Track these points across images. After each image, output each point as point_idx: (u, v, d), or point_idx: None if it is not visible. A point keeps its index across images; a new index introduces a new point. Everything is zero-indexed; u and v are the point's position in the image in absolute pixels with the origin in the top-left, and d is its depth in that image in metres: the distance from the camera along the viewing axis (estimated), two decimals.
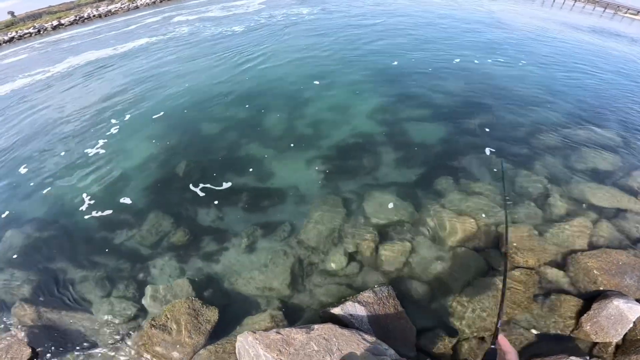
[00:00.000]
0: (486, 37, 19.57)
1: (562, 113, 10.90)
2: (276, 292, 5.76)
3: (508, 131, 9.63)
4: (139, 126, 11.09)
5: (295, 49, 17.16)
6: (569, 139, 9.42)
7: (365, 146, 8.91)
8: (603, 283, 5.34)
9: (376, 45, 16.92)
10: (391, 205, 7.10)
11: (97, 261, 6.79)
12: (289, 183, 7.90)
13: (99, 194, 8.45)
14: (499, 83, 12.81)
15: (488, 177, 7.86)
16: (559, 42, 20.52)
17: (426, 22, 22.09)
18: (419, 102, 11.01)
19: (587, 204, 7.14)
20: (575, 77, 14.71)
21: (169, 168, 8.89)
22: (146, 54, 20.84)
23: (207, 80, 14.11)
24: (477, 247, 6.23)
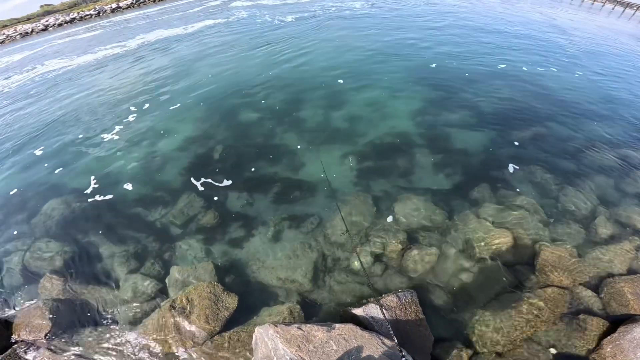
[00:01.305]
0: (538, 44, 18.58)
1: (619, 131, 10.17)
2: (297, 285, 5.79)
3: (558, 145, 9.11)
4: (182, 108, 11.50)
5: (339, 44, 17.02)
6: (624, 160, 8.78)
7: (401, 147, 8.74)
8: (634, 307, 5.13)
9: (421, 45, 16.45)
10: (423, 209, 6.94)
11: (128, 237, 7.11)
12: (320, 176, 7.87)
13: (139, 171, 8.82)
14: (550, 93, 12.12)
15: (530, 190, 7.49)
16: (622, 55, 19.17)
17: (473, 24, 21.25)
18: (461, 106, 10.62)
19: (633, 229, 6.67)
20: (636, 93, 13.69)
21: (206, 150, 9.11)
22: (198, 39, 21.49)
23: (250, 68, 14.34)
24: (508, 262, 5.98)
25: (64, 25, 51.33)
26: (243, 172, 8.27)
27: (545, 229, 6.59)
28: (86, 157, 9.75)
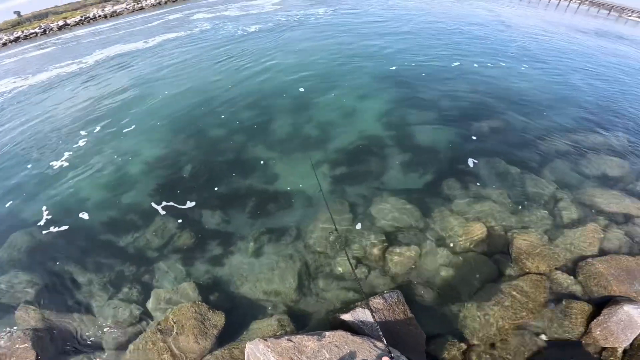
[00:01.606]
0: (487, 40, 19.48)
1: (566, 117, 10.82)
2: (283, 297, 5.72)
3: (515, 135, 9.56)
4: (144, 128, 11.02)
5: (303, 52, 17.08)
6: (578, 144, 9.33)
7: (372, 150, 8.86)
8: (613, 289, 5.32)
9: (381, 49, 16.84)
10: (399, 209, 7.05)
11: (102, 263, 6.77)
12: (295, 187, 7.85)
13: (104, 196, 8.42)
14: (502, 86, 12.74)
15: (496, 181, 7.80)
16: (563, 46, 20.42)
17: (429, 26, 21.99)
18: (423, 105, 10.95)
19: (597, 210, 7.08)
20: (581, 81, 14.61)
21: (174, 170, 8.84)
22: (157, 54, 20.70)
23: (213, 83, 14.02)
24: (486, 252, 6.17)
25: (8, 44, 48.51)
26: (216, 189, 8.08)
27: (514, 217, 6.86)
28: (45, 187, 9.17)
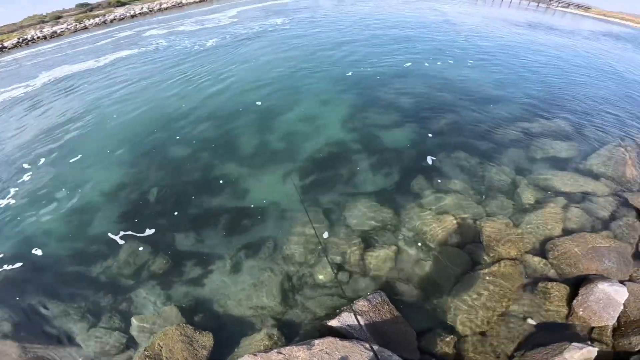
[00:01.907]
0: (435, 39, 20.32)
1: (516, 107, 11.50)
2: (269, 310, 5.62)
3: (470, 128, 10.00)
4: (102, 153, 10.40)
5: (261, 64, 16.93)
6: (527, 131, 9.91)
7: (339, 155, 8.93)
8: (584, 267, 5.55)
9: (337, 55, 17.06)
10: (371, 211, 7.13)
11: (76, 294, 6.34)
12: (267, 200, 7.76)
13: (65, 228, 7.88)
14: (453, 83, 13.34)
15: (459, 174, 8.10)
16: (502, 40, 21.67)
17: (381, 31, 22.60)
18: (383, 107, 11.19)
19: (554, 191, 7.52)
20: (521, 72, 15.59)
21: (138, 195, 8.45)
22: (108, 74, 19.47)
23: (171, 102, 13.47)
24: (459, 244, 6.36)
25: None
26: (186, 210, 7.83)
27: (480, 207, 7.14)
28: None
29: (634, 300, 4.99)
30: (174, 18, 41.09)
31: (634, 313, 4.86)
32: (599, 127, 10.67)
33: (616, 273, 5.52)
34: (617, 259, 5.72)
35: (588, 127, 10.60)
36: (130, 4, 61.25)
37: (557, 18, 40.43)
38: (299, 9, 35.35)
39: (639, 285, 5.28)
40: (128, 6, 58.22)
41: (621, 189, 7.71)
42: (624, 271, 5.60)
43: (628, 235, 6.41)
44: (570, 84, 14.63)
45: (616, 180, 7.97)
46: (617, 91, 14.57)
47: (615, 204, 7.18)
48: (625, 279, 5.50)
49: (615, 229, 6.52)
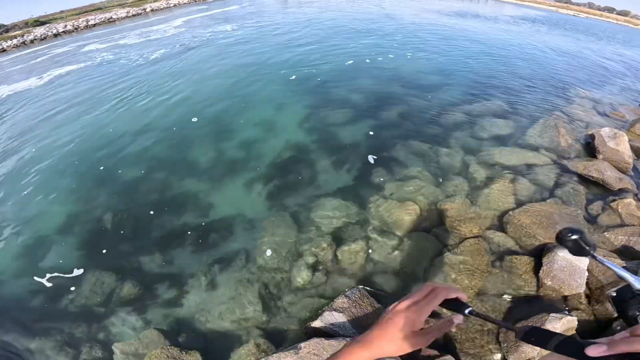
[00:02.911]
0: (374, 34, 20.79)
1: (457, 92, 12.06)
2: (252, 321, 5.46)
3: (420, 116, 10.34)
4: (46, 185, 9.51)
5: (208, 74, 16.29)
6: (469, 113, 10.42)
7: (299, 157, 8.83)
8: (541, 236, 5.81)
9: (281, 59, 16.85)
10: (337, 209, 7.13)
11: (48, 328, 5.80)
12: (232, 212, 7.50)
13: (20, 264, 7.14)
14: (396, 75, 13.73)
15: (415, 160, 8.33)
16: (436, 30, 22.62)
17: (322, 32, 22.73)
18: (334, 105, 11.22)
19: (501, 166, 7.94)
20: (456, 58, 16.39)
21: (93, 223, 7.84)
22: (36, 99, 17.87)
23: (116, 123, 12.46)
24: (425, 228, 6.52)
25: None
26: (147, 233, 7.36)
27: (438, 190, 7.36)
28: None
29: (596, 264, 5.21)
30: (116, 31, 38.61)
31: (600, 278, 5.09)
32: (530, 103, 11.45)
33: None
34: (571, 225, 6.09)
35: (521, 104, 11.35)
36: (50, 22, 56.68)
37: (482, 5, 42.99)
38: (243, 15, 34.73)
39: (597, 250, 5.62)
40: (49, 25, 53.71)
41: (559, 157, 8.30)
42: None
43: (575, 200, 6.88)
44: (500, 65, 15.60)
45: (553, 150, 8.57)
46: (539, 69, 15.77)
47: (557, 172, 7.71)
48: None
49: (562, 196, 6.96)
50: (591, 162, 7.89)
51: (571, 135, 9.25)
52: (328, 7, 33.90)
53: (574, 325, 4.41)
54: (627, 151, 8.20)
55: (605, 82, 15.07)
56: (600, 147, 8.35)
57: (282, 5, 40.71)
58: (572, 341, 0.85)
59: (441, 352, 4.46)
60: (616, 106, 12.01)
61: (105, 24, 49.40)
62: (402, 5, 35.72)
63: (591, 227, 6.29)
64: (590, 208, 6.73)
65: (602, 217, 6.48)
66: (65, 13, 62.64)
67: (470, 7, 40.27)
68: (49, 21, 58.26)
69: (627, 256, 5.47)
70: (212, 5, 51.42)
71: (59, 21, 56.45)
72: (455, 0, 45.73)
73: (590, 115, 10.86)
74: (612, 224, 6.30)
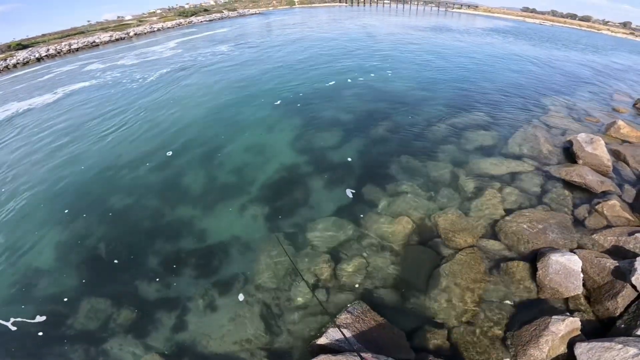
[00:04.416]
0: (353, 56, 21.13)
1: (440, 107, 12.34)
2: (255, 342, 5.35)
3: (407, 131, 10.52)
4: (39, 212, 9.18)
5: (199, 95, 16.35)
6: (454, 126, 10.64)
7: (290, 179, 8.83)
8: (533, 242, 5.92)
9: (265, 82, 16.99)
10: (333, 227, 7.12)
11: (45, 354, 5.66)
12: (227, 236, 7.42)
13: (11, 295, 6.86)
14: (379, 94, 13.98)
15: (406, 175, 8.41)
16: (413, 47, 23.20)
17: (302, 56, 22.99)
18: (321, 126, 11.30)
19: (488, 176, 8.09)
20: (435, 73, 16.80)
21: (86, 252, 7.57)
22: (21, 129, 17.47)
23: (108, 146, 12.29)
24: (421, 241, 6.56)
25: None
26: (143, 260, 7.17)
27: (430, 203, 7.45)
28: None
29: (590, 266, 5.34)
30: (96, 57, 38.09)
31: (596, 278, 5.19)
32: (509, 113, 11.79)
33: (563, 242, 5.96)
34: (560, 229, 6.22)
35: (500, 114, 11.67)
36: (33, 46, 55.69)
37: (455, 20, 44.43)
38: (227, 39, 34.94)
39: (588, 251, 5.69)
40: (31, 49, 52.71)
41: (542, 164, 8.51)
42: (570, 239, 6.06)
43: (562, 205, 7.05)
44: (476, 78, 16.07)
45: (536, 158, 8.80)
46: (513, 79, 16.32)
47: (541, 179, 7.90)
48: (574, 247, 5.93)
49: (549, 201, 7.15)
50: (572, 168, 8.10)
51: (551, 143, 9.52)
52: (309, 29, 34.50)
53: (577, 326, 4.47)
54: (605, 154, 8.44)
55: (576, 88, 15.64)
56: (579, 153, 8.59)
57: (265, 28, 41.25)
58: None
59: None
60: (590, 111, 12.44)
61: (88, 48, 48.69)
62: (380, 23, 36.67)
63: (581, 228, 6.45)
64: (577, 212, 6.88)
65: (590, 220, 6.62)
66: (47, 37, 61.69)
67: (445, 21, 41.63)
68: (31, 44, 57.24)
69: (618, 256, 5.57)
70: (198, 29, 51.69)
71: (41, 45, 55.39)
72: (430, 15, 47.14)
73: (567, 122, 11.20)
74: (599, 227, 6.45)
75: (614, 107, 13.19)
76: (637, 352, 3.64)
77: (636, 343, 3.79)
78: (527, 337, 4.48)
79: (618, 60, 25.69)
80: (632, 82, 18.00)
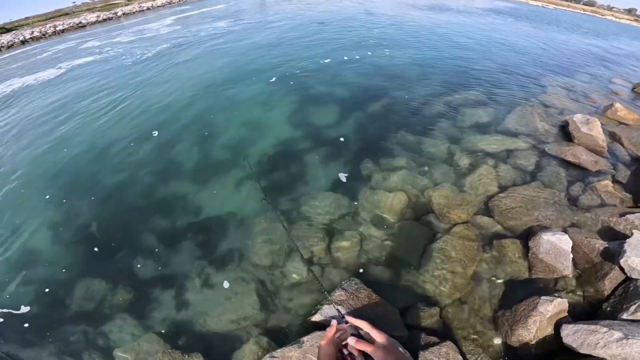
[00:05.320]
0: (350, 32, 20.63)
1: (436, 84, 12.13)
2: (252, 320, 5.36)
3: (403, 108, 10.35)
4: (28, 191, 9.09)
5: (194, 72, 15.95)
6: (450, 103, 10.49)
7: (286, 154, 8.69)
8: (526, 220, 5.91)
9: (257, 58, 16.63)
10: (328, 203, 7.06)
11: (44, 338, 5.57)
12: (223, 212, 7.33)
13: (9, 276, 6.81)
14: (376, 71, 13.64)
15: (401, 151, 8.34)
16: (410, 26, 22.68)
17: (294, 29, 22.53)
18: (318, 102, 11.09)
19: (483, 153, 8.03)
20: (432, 51, 16.47)
21: (82, 230, 7.47)
22: (26, 100, 17.12)
23: (101, 124, 12.01)
24: (415, 217, 6.54)
25: None
26: (136, 238, 7.08)
27: (425, 178, 7.39)
28: None
29: (580, 246, 5.33)
30: (82, 37, 37.22)
31: (586, 259, 5.19)
32: (507, 92, 11.63)
33: (556, 220, 5.95)
34: (553, 207, 6.21)
35: (498, 92, 11.50)
36: (17, 29, 54.07)
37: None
38: (223, 16, 34.04)
39: (579, 231, 5.70)
40: (15, 32, 51.15)
41: (538, 142, 8.45)
42: (562, 218, 6.06)
43: (556, 183, 7.02)
44: (475, 57, 15.78)
45: (532, 136, 8.72)
46: (513, 60, 16.03)
47: (537, 156, 7.85)
48: (566, 225, 5.93)
49: (544, 179, 7.12)
50: (567, 147, 8.07)
51: (547, 122, 9.43)
52: (307, 5, 33.59)
53: (565, 307, 4.48)
54: (601, 135, 8.40)
55: (576, 70, 15.43)
56: (574, 133, 8.55)
57: (262, 4, 40.12)
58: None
59: (441, 339, 4.47)
60: (588, 93, 12.31)
61: (75, 29, 47.21)
62: (379, 1, 35.71)
63: (574, 207, 6.43)
64: (571, 191, 6.87)
65: (582, 199, 6.62)
66: (30, 19, 59.91)
67: (444, 1, 40.58)
68: (14, 28, 55.65)
69: (609, 237, 5.56)
70: (192, 6, 50.32)
71: (25, 27, 53.76)
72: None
73: (565, 102, 11.08)
74: (592, 206, 6.46)
75: (612, 90, 13.05)
76: (621, 335, 3.64)
77: (621, 327, 3.80)
78: (516, 317, 4.50)
79: (620, 45, 25.29)
80: (633, 67, 17.77)
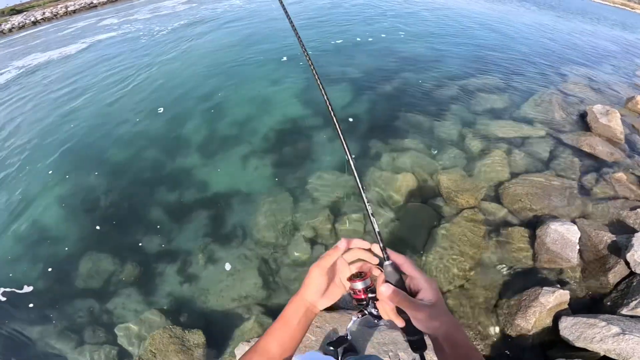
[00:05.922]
0: (362, 13, 20.00)
1: (452, 68, 11.73)
2: (253, 298, 5.36)
3: (415, 90, 10.07)
4: (38, 165, 9.09)
5: (209, 49, 15.75)
6: (465, 88, 10.18)
7: (295, 130, 8.58)
8: (536, 208, 5.76)
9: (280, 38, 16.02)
10: (334, 181, 6.96)
11: (47, 315, 5.64)
12: (227, 187, 7.28)
13: (18, 252, 6.87)
14: (389, 53, 13.17)
15: (411, 132, 8.16)
16: (428, 9, 21.97)
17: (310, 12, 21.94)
18: (328, 81, 10.84)
19: (496, 138, 7.81)
20: (450, 37, 15.93)
21: (86, 205, 7.47)
22: (40, 77, 17.29)
23: (107, 99, 12.11)
24: (422, 199, 6.43)
25: None
26: (142, 212, 7.09)
27: (434, 161, 7.25)
28: None
29: (588, 238, 5.19)
30: (95, 16, 36.97)
31: (593, 252, 5.05)
32: (526, 79, 11.24)
33: (566, 210, 5.78)
34: (564, 197, 6.04)
35: (516, 79, 11.12)
36: (28, 10, 53.99)
37: None
38: None
39: (588, 222, 5.54)
40: (26, 13, 51.08)
41: (554, 130, 8.18)
42: (572, 208, 5.90)
43: (569, 172, 6.81)
44: (494, 44, 15.20)
45: (548, 123, 8.44)
46: (534, 47, 15.40)
47: (551, 145, 7.61)
48: (576, 215, 5.76)
49: (557, 167, 6.92)
50: (584, 137, 7.81)
51: (565, 111, 9.10)
52: None
53: (566, 299, 4.38)
54: (619, 127, 8.10)
55: (599, 61, 14.80)
56: (592, 123, 8.27)
57: None
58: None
59: None
60: (610, 84, 11.84)
61: (86, 9, 46.77)
62: None
63: (585, 198, 6.24)
64: (583, 181, 6.66)
65: (595, 191, 6.42)
66: (41, 0, 59.83)
67: None
68: (25, 9, 55.54)
69: (618, 230, 5.38)
70: None
71: (36, 8, 53.64)
72: None
73: (585, 92, 10.67)
74: (603, 197, 6.26)
75: (636, 83, 12.52)
76: (619, 331, 3.55)
77: (619, 322, 3.71)
78: (517, 306, 4.42)
79: None
80: None
